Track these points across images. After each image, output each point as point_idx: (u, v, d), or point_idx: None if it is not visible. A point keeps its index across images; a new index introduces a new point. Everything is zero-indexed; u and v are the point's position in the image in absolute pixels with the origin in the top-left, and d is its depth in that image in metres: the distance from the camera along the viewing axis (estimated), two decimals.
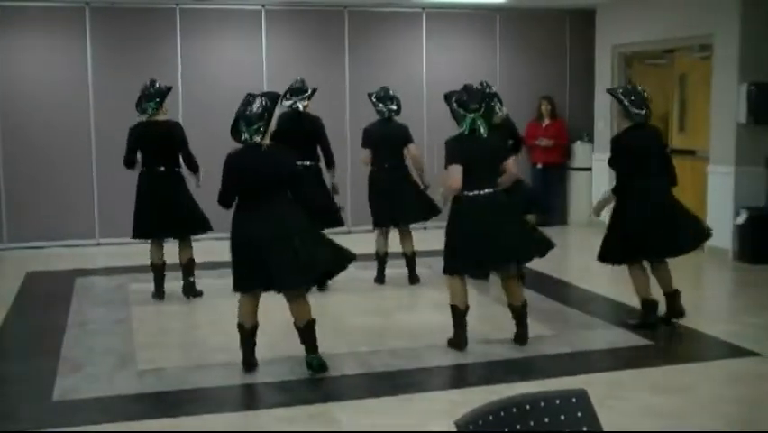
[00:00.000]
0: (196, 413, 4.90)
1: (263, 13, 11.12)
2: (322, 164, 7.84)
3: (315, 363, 5.47)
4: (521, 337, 6.09)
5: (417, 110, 10.86)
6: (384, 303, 7.59)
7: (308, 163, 7.52)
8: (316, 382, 5.42)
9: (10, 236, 10.44)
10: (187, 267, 7.49)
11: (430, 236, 8.74)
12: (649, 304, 6.58)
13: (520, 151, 8.18)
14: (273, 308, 5.65)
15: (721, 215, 9.43)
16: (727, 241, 9.35)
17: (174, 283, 7.54)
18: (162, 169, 7.35)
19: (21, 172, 10.41)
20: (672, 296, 6.72)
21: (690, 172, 10.13)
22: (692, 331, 6.55)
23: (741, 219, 9.21)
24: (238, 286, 5.51)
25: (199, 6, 10.84)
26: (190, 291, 7.49)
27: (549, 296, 7.35)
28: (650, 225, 6.46)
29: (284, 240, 5.26)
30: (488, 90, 7.80)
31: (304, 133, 7.61)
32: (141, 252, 8.04)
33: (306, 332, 5.50)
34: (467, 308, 6.05)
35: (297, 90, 7.83)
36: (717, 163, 9.54)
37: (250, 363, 5.58)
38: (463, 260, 5.91)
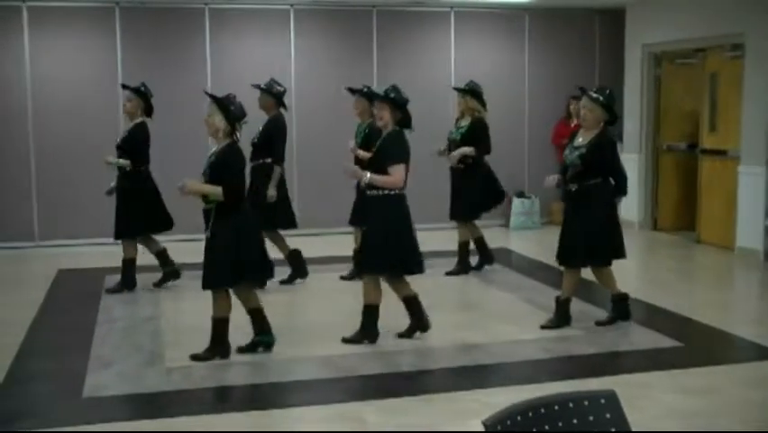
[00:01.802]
0: (224, 411, 4.93)
1: (292, 13, 11.15)
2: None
3: None
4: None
5: (445, 110, 10.83)
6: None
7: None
8: (343, 381, 5.43)
9: (42, 234, 10.57)
10: None
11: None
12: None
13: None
14: (302, 306, 5.68)
15: (752, 215, 9.34)
16: (758, 241, 9.25)
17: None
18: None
19: (52, 171, 10.53)
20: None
21: (721, 172, 10.05)
22: (721, 332, 6.49)
23: None
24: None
25: (228, 6, 10.90)
26: None
27: (576, 296, 7.30)
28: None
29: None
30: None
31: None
32: (172, 250, 8.10)
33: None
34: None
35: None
36: (749, 163, 9.44)
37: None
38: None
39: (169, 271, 7.99)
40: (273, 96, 7.89)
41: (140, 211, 7.69)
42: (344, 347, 6.05)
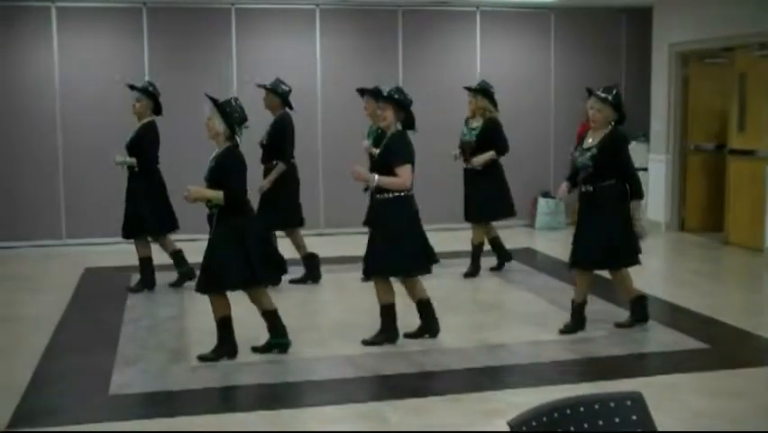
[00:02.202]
0: (247, 409, 4.94)
1: (318, 13, 11.17)
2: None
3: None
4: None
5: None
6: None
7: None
8: (366, 380, 5.43)
9: (69, 232, 10.67)
10: None
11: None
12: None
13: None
14: (322, 306, 5.69)
15: None
16: None
17: None
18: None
19: (80, 170, 10.62)
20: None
21: (750, 173, 9.95)
22: (748, 334, 6.42)
23: None
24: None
25: (254, 6, 10.94)
26: None
27: (601, 297, 7.26)
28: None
29: None
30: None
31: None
32: (197, 249, 8.13)
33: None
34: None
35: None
36: None
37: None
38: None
39: (184, 271, 8.01)
40: (278, 95, 7.86)
41: (146, 211, 7.73)
42: (366, 348, 6.05)
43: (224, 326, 5.77)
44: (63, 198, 10.66)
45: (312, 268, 8.17)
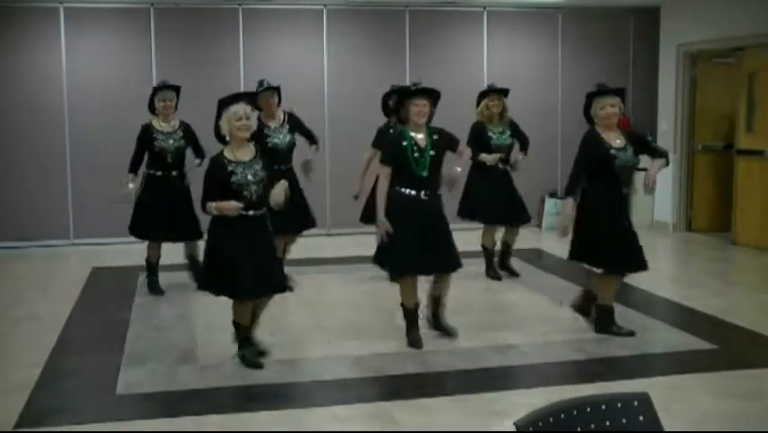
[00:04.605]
0: (256, 409, 4.94)
1: (325, 13, 11.18)
2: None
3: None
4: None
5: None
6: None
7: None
8: (374, 380, 5.43)
9: (76, 232, 10.70)
10: None
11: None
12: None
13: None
14: (331, 306, 5.69)
15: None
16: None
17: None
18: None
19: (87, 170, 10.65)
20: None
21: (759, 172, 9.93)
22: (757, 335, 6.40)
23: None
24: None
25: (261, 6, 10.95)
26: None
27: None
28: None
29: None
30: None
31: None
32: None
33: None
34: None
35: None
36: None
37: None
38: None
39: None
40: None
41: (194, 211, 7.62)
42: (374, 348, 6.05)
43: (240, 329, 5.77)
44: (71, 197, 10.68)
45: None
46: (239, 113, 5.39)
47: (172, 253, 8.04)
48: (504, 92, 8.18)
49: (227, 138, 5.49)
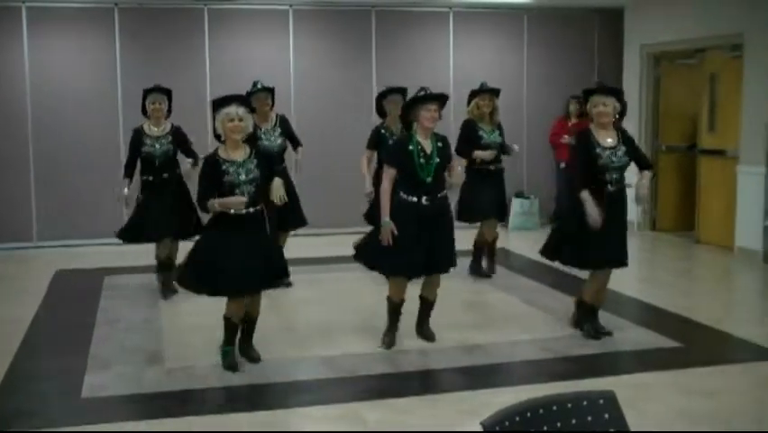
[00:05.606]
0: (224, 412, 4.92)
1: (291, 13, 11.15)
2: None
3: None
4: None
5: (444, 110, 10.81)
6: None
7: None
8: (344, 381, 5.43)
9: (39, 235, 10.56)
10: None
11: None
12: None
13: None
14: (304, 307, 5.68)
15: (751, 215, 9.34)
16: (758, 242, 9.26)
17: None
18: None
19: (51, 172, 10.52)
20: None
21: (720, 172, 10.05)
22: (721, 333, 6.49)
23: None
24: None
25: (227, 6, 10.90)
26: None
27: (576, 297, 7.30)
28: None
29: None
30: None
31: None
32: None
33: None
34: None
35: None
36: (748, 163, 9.45)
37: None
38: None
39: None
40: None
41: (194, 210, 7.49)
42: (346, 348, 6.05)
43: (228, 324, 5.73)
44: (34, 199, 10.55)
45: None
46: (231, 114, 5.41)
47: (141, 254, 7.98)
48: (495, 92, 8.18)
49: (223, 138, 5.51)
